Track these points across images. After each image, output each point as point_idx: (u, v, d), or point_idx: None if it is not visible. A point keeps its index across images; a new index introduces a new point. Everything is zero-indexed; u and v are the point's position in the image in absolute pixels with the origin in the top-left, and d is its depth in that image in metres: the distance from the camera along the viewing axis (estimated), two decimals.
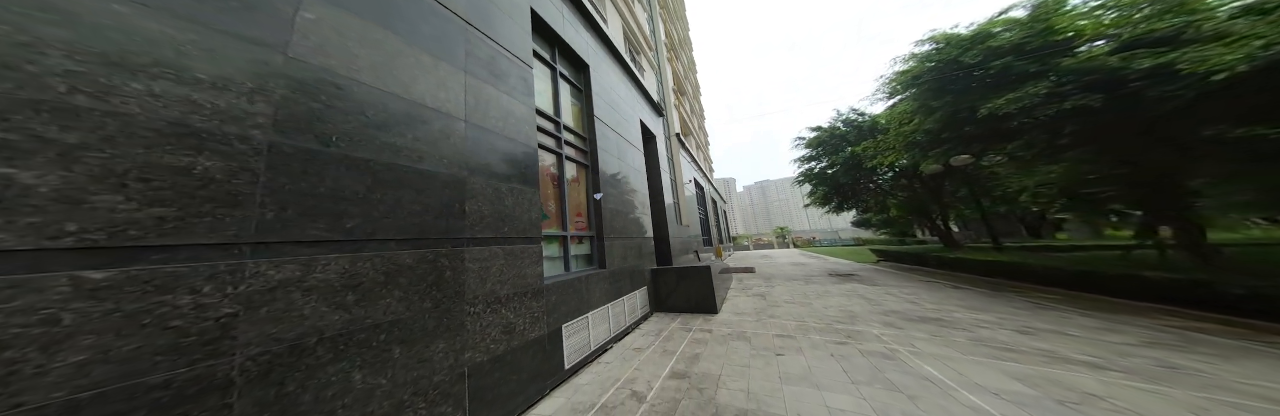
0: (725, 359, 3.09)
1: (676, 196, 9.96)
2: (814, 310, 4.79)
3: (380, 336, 1.39)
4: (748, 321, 4.37)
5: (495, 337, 2.10)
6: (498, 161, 2.36)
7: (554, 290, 2.91)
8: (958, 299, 5.31)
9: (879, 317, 4.26)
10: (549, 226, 3.36)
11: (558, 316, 2.91)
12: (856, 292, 6.12)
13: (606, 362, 3.25)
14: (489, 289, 2.07)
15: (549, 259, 3.31)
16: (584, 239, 4.04)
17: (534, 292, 2.58)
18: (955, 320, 4.03)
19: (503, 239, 2.27)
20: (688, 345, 3.56)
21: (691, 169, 13.09)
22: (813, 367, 2.74)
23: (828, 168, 11.92)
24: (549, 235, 3.30)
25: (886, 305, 5.00)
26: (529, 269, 2.55)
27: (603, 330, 3.65)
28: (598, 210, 4.25)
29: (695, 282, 5.11)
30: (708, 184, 17.81)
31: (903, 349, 3.06)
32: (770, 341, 3.49)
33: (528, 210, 2.64)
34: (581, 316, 3.30)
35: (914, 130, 6.88)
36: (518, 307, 2.35)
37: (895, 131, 7.71)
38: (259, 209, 1.00)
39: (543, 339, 2.63)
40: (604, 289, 3.86)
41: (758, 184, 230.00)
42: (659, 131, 9.35)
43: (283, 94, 1.11)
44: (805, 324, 4.06)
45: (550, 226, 3.39)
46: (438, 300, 1.66)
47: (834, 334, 3.60)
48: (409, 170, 1.60)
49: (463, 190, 1.91)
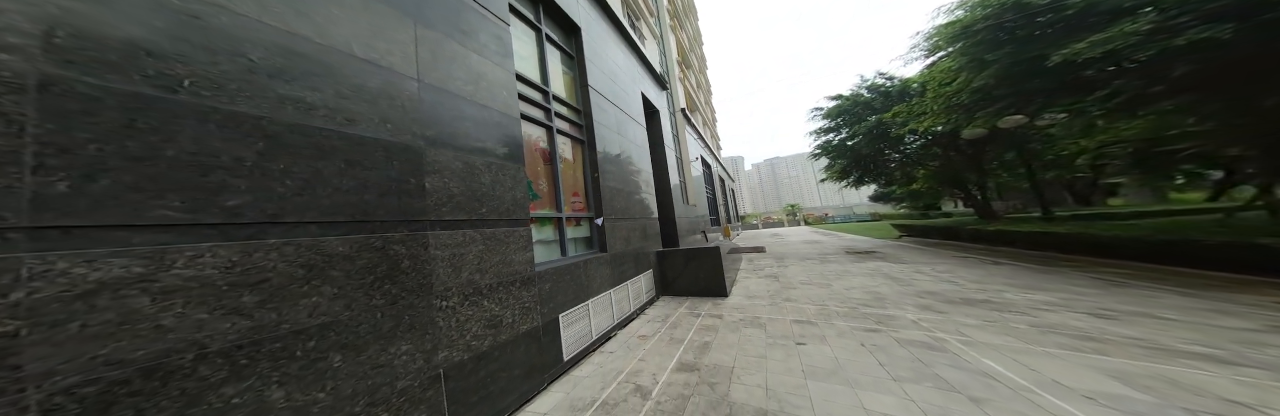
0: (738, 348, 2.82)
1: (682, 175, 9.50)
2: (835, 292, 4.46)
3: (307, 343, 1.09)
4: (761, 305, 4.08)
5: (478, 333, 1.83)
6: (468, 131, 1.98)
7: (548, 277, 2.62)
8: (1004, 276, 4.77)
9: (913, 300, 3.84)
10: (541, 207, 3.03)
11: (554, 305, 2.64)
12: (881, 272, 5.72)
13: (609, 352, 3.02)
14: (466, 279, 1.77)
15: (542, 243, 3.00)
16: (582, 220, 3.71)
17: (524, 281, 2.28)
18: (1008, 302, 3.55)
19: (480, 221, 1.94)
20: (696, 332, 3.31)
21: (698, 146, 12.49)
22: (842, 360, 2.42)
23: (848, 139, 11.13)
24: (540, 217, 2.97)
25: (919, 285, 4.55)
26: (516, 255, 2.24)
27: (605, 317, 3.40)
28: (597, 189, 3.88)
29: (704, 264, 4.81)
30: (715, 162, 17.18)
31: (950, 338, 2.66)
32: (788, 328, 3.20)
33: (511, 188, 2.29)
34: (581, 304, 3.04)
35: (959, 90, 6.13)
36: (504, 298, 2.06)
37: (934, 93, 6.94)
38: (34, 177, 0.66)
39: (537, 331, 2.37)
40: (605, 274, 3.58)
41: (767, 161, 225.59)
42: (663, 106, 8.75)
43: (62, 5, 0.72)
44: (827, 308, 3.75)
45: (542, 207, 3.05)
46: (393, 295, 1.36)
47: (862, 319, 3.26)
48: (333, 135, 1.24)
49: (419, 163, 1.56)
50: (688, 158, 10.60)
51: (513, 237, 2.22)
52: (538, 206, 2.97)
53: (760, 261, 8.18)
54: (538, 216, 2.92)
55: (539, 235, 2.94)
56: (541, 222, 3.02)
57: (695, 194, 10.69)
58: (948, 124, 7.24)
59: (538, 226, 2.96)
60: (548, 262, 2.86)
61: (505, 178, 2.24)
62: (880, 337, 2.77)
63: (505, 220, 2.16)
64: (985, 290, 4.11)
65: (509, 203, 2.23)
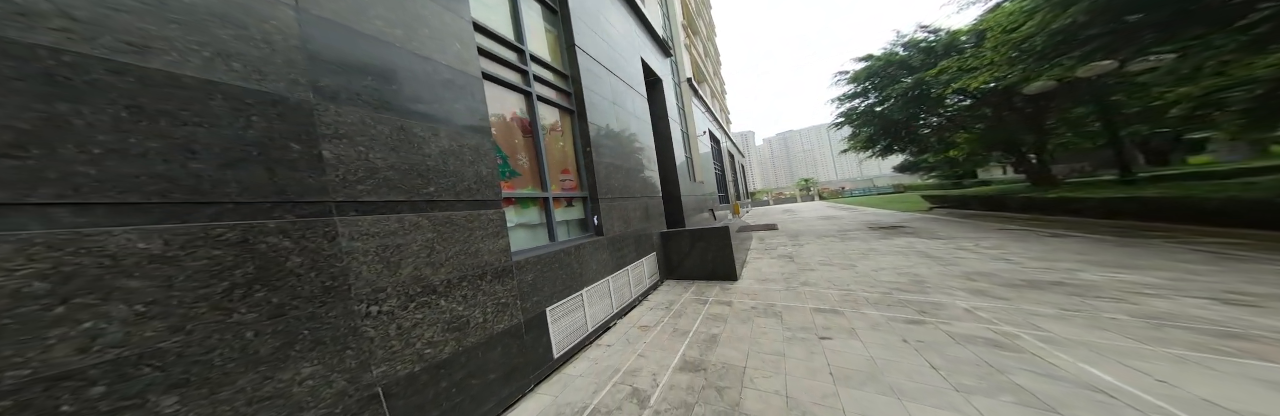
0: (751, 343, 2.47)
1: (689, 150, 8.89)
2: (861, 274, 4.04)
3: (91, 390, 0.73)
4: (775, 291, 3.71)
5: (433, 339, 1.49)
6: (399, 88, 1.52)
7: (532, 267, 2.25)
8: (1073, 251, 4.08)
9: (960, 283, 3.30)
10: (521, 186, 2.61)
11: (540, 299, 2.30)
12: (914, 249, 5.17)
13: (606, 345, 2.72)
14: (408, 276, 1.39)
15: (525, 227, 2.62)
16: (574, 200, 3.29)
17: (497, 273, 1.92)
18: (1090, 284, 2.94)
19: (428, 203, 1.53)
20: (703, 322, 2.97)
21: (706, 120, 11.68)
22: (881, 361, 2.01)
23: (877, 103, 10.11)
24: (521, 197, 2.56)
25: (965, 264, 3.96)
26: (485, 242, 1.86)
27: (603, 307, 3.09)
28: (590, 165, 3.43)
29: (712, 245, 4.41)
30: (725, 136, 16.31)
31: (1023, 333, 2.17)
32: (808, 318, 2.83)
33: (474, 163, 1.85)
34: (574, 294, 2.70)
35: (1032, 34, 5.17)
36: (471, 295, 1.71)
37: (995, 41, 5.96)
38: None
39: (518, 328, 2.05)
40: (602, 259, 3.22)
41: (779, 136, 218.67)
42: (666, 75, 7.97)
43: None
44: (853, 293, 3.34)
45: (523, 186, 2.63)
46: (276, 306, 0.99)
47: (899, 307, 2.82)
48: (97, 64, 0.79)
49: (308, 123, 1.12)
50: (694, 132, 9.89)
51: (479, 222, 1.82)
52: (516, 185, 2.55)
53: (772, 240, 7.76)
54: (516, 197, 2.50)
55: (519, 218, 2.55)
56: (523, 204, 2.61)
57: (702, 170, 10.10)
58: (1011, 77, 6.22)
59: (518, 208, 2.56)
60: (531, 250, 2.49)
61: (463, 149, 1.80)
62: (926, 331, 2.33)
63: (466, 201, 1.75)
64: (1053, 269, 3.48)
65: (471, 180, 1.81)
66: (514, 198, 2.48)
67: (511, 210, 2.44)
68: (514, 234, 2.44)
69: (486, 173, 1.93)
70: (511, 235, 2.38)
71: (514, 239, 2.41)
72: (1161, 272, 3.13)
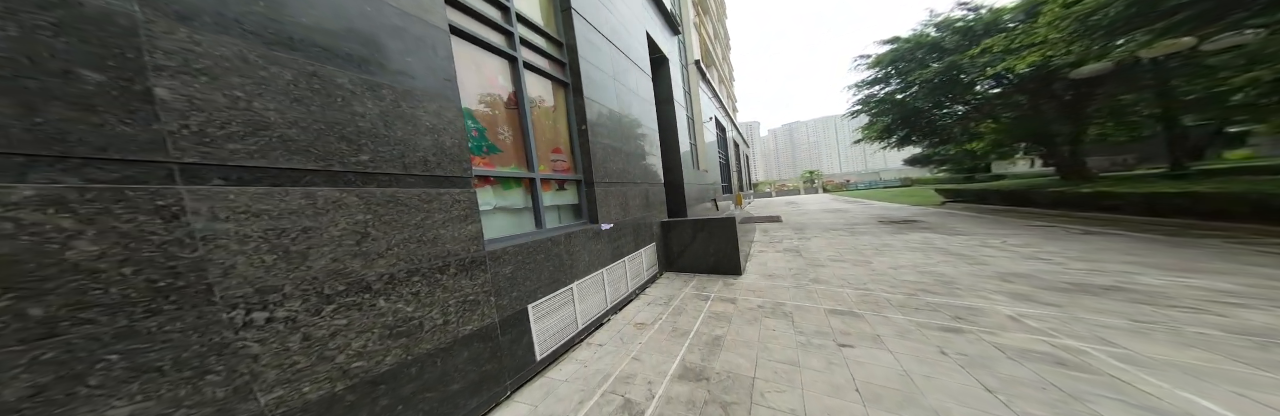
0: (760, 348, 2.16)
1: (694, 136, 8.43)
2: (878, 272, 3.70)
3: None
4: (784, 288, 3.38)
5: (365, 349, 1.16)
6: (317, 24, 1.13)
7: (511, 257, 1.92)
8: (1119, 251, 3.71)
9: (995, 285, 2.95)
10: (502, 163, 2.24)
11: (521, 294, 1.98)
12: (933, 245, 4.80)
13: (598, 345, 2.42)
14: (324, 270, 1.05)
15: (506, 211, 2.27)
16: (567, 184, 2.93)
17: (465, 265, 1.58)
18: (1154, 290, 2.58)
19: (361, 175, 1.17)
20: (705, 322, 2.66)
21: (712, 106, 11.12)
22: (917, 377, 1.68)
23: (899, 90, 9.46)
24: (501, 176, 2.20)
25: (996, 264, 3.61)
26: (449, 228, 1.51)
27: (596, 301, 2.78)
28: (585, 145, 3.04)
29: (716, 238, 4.07)
30: (731, 125, 15.72)
31: (1090, 348, 1.81)
32: (823, 321, 2.51)
33: (434, 132, 1.48)
34: (562, 289, 2.38)
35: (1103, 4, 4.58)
36: (425, 292, 1.37)
37: (1053, 16, 5.34)
38: None
39: (490, 329, 1.73)
40: (597, 249, 2.89)
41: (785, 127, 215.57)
42: (674, 54, 7.43)
43: None
44: (872, 294, 3.01)
45: (505, 163, 2.26)
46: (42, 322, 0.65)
47: (929, 312, 2.48)
48: None
49: (128, 45, 0.75)
50: (700, 117, 9.39)
51: (440, 204, 1.47)
52: (497, 163, 2.18)
53: (777, 232, 7.42)
54: (496, 176, 2.14)
55: (499, 200, 2.19)
56: (504, 185, 2.25)
57: (707, 158, 9.65)
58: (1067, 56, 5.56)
59: (498, 189, 2.19)
60: (513, 238, 2.14)
61: (419, 114, 1.42)
62: (968, 342, 1.99)
63: (420, 176, 1.39)
64: (1101, 271, 3.11)
65: (428, 151, 1.44)
66: (493, 176, 2.11)
67: (489, 191, 2.08)
68: (490, 219, 2.09)
69: (452, 144, 1.56)
70: (487, 220, 2.04)
71: (490, 224, 2.07)
72: (1235, 278, 2.75)
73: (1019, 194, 7.59)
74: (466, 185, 1.60)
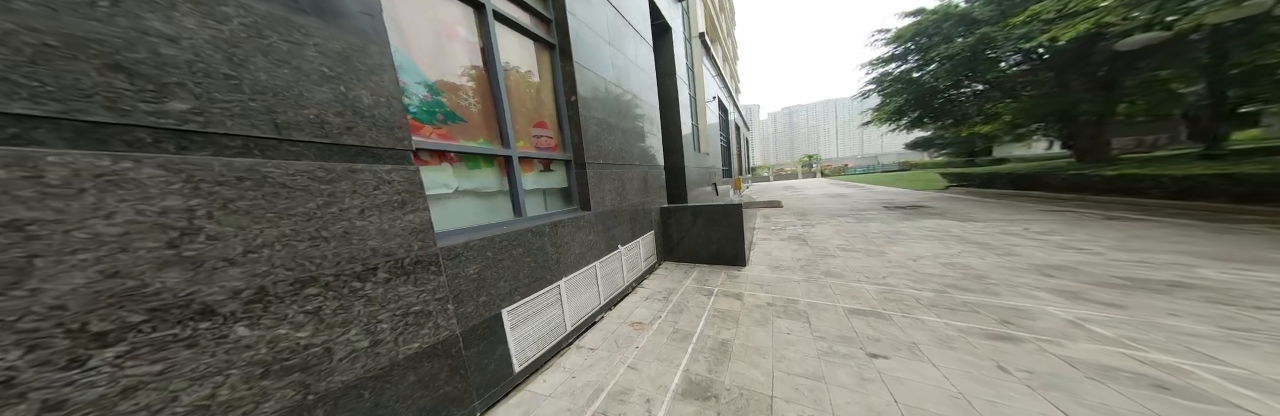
0: (775, 358, 1.83)
1: (697, 116, 7.85)
2: (896, 264, 3.35)
3: None
4: (793, 282, 3.04)
5: (209, 401, 0.78)
6: None
7: (478, 253, 1.52)
8: (1159, 239, 3.35)
9: (1035, 280, 2.60)
10: (468, 136, 1.78)
11: (491, 297, 1.60)
12: (949, 233, 4.44)
13: (589, 349, 2.09)
14: (92, 290, 0.65)
15: (475, 195, 1.84)
16: (553, 164, 2.49)
17: (405, 267, 1.18)
18: (1225, 286, 2.23)
19: (182, 134, 0.74)
20: (710, 321, 2.33)
21: (715, 85, 10.41)
22: (978, 400, 1.35)
23: (918, 67, 8.76)
24: (465, 152, 1.75)
25: (1026, 254, 3.24)
26: (373, 218, 1.09)
27: (587, 298, 2.42)
28: (575, 119, 2.57)
29: (720, 225, 3.69)
30: (733, 106, 14.97)
31: (1187, 364, 1.48)
32: (845, 323, 2.17)
33: (339, 82, 1.02)
34: (547, 287, 2.01)
35: None
36: (336, 308, 0.98)
37: None
38: None
39: (449, 344, 1.36)
40: (588, 240, 2.50)
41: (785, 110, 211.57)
42: (676, 23, 6.70)
43: None
44: (894, 290, 2.67)
45: (471, 136, 1.80)
46: None
47: (967, 313, 2.14)
48: None
49: None
50: (704, 96, 8.75)
51: (351, 185, 1.04)
52: (459, 135, 1.72)
53: (779, 219, 7.06)
54: (457, 151, 1.69)
55: (464, 182, 1.76)
56: (470, 163, 1.81)
57: (709, 140, 9.10)
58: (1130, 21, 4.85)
59: (461, 168, 1.76)
60: (480, 229, 1.73)
61: (308, 53, 0.95)
62: (1029, 354, 1.65)
63: (313, 146, 0.95)
64: (1149, 263, 2.76)
65: (327, 108, 0.99)
66: (454, 152, 1.67)
67: (448, 170, 1.65)
68: (451, 205, 1.67)
69: (372, 102, 1.11)
70: (446, 207, 1.62)
71: (451, 212, 1.66)
72: None
73: (1033, 177, 7.20)
74: (402, 160, 1.17)
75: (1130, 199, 5.30)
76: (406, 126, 1.18)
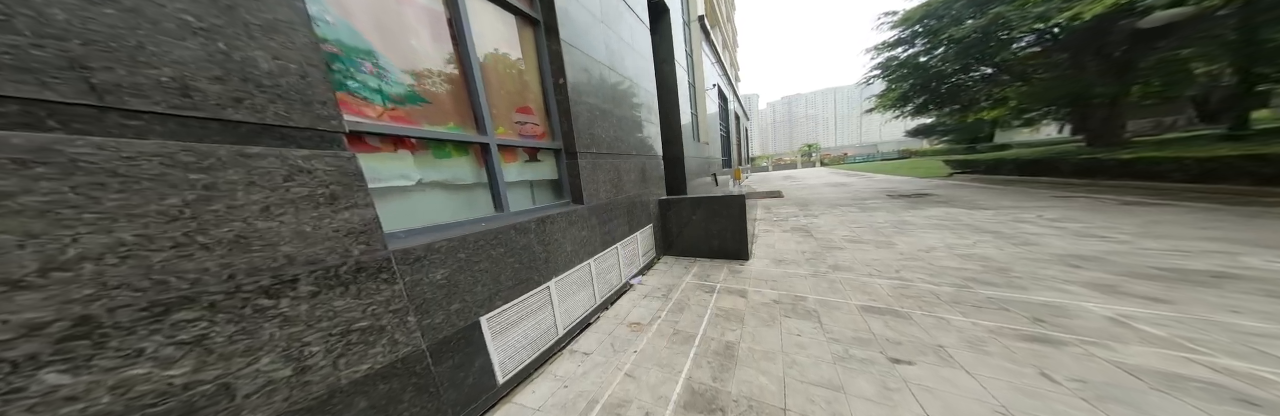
0: (785, 363, 1.62)
1: (695, 104, 7.50)
2: (908, 256, 3.13)
3: None
4: (800, 277, 2.83)
5: None
6: None
7: (444, 256, 1.29)
8: (1185, 224, 3.12)
9: (1062, 271, 2.37)
10: (433, 120, 1.52)
11: (467, 304, 1.39)
12: (959, 221, 4.19)
13: (583, 354, 1.89)
14: None
15: (445, 187, 1.60)
16: (540, 154, 2.23)
17: (343, 276, 0.95)
18: (1274, 275, 2.01)
19: None
20: (713, 323, 2.12)
21: (715, 72, 9.97)
22: None
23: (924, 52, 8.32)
24: (430, 138, 1.50)
25: (1046, 244, 2.99)
26: (290, 216, 0.85)
27: (581, 299, 2.22)
28: (564, 104, 2.30)
29: (722, 218, 3.46)
30: (733, 95, 14.49)
31: (1265, 371, 1.27)
32: (860, 323, 1.96)
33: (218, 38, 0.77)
34: (535, 289, 1.79)
35: None
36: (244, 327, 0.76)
37: None
38: None
39: (412, 361, 1.15)
40: (581, 236, 2.27)
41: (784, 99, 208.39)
42: (675, 3, 6.28)
43: None
44: (910, 285, 2.45)
45: (438, 120, 1.54)
46: None
47: (996, 311, 1.92)
48: None
49: None
50: (703, 83, 8.36)
51: (250, 174, 0.79)
52: (421, 119, 1.47)
53: (780, 209, 6.82)
54: (419, 137, 1.44)
55: (433, 173, 1.52)
56: (438, 151, 1.56)
57: (708, 129, 8.76)
58: None
59: (427, 157, 1.51)
60: (448, 227, 1.50)
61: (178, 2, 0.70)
62: (1075, 359, 1.42)
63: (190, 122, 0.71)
64: (1185, 251, 2.53)
65: (205, 70, 0.74)
66: (413, 137, 1.42)
67: (408, 159, 1.40)
68: (419, 200, 1.44)
69: (281, 71, 0.85)
70: (409, 202, 1.38)
71: (421, 208, 1.42)
72: None
73: (1041, 163, 6.89)
74: (328, 144, 0.92)
75: (1146, 183, 5.02)
76: (333, 102, 0.93)
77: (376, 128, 1.22)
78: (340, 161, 0.93)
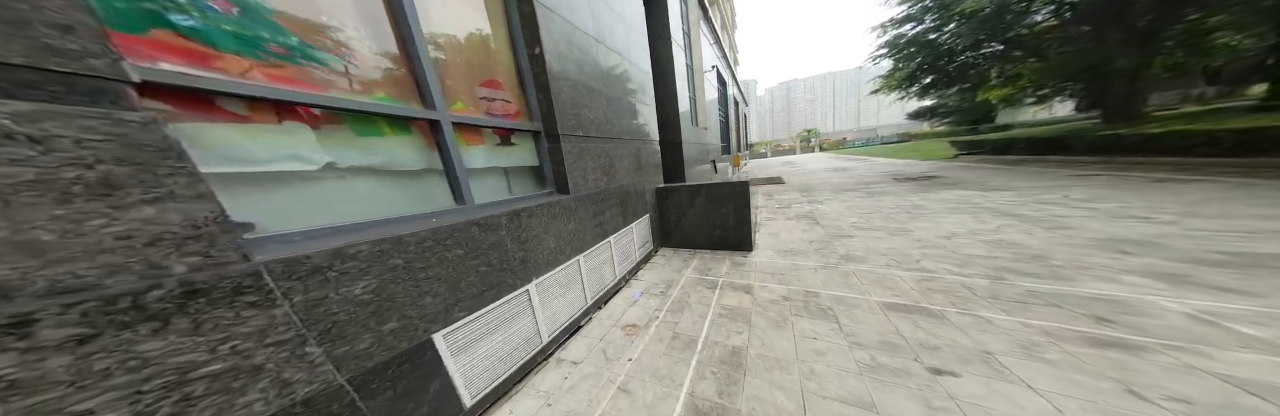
0: (803, 373, 1.32)
1: (694, 86, 6.98)
2: (926, 243, 2.79)
3: None
4: (810, 269, 2.51)
5: None
6: None
7: (365, 264, 0.96)
8: (1232, 201, 2.80)
9: (1110, 258, 2.04)
10: (347, 87, 1.15)
11: (413, 320, 1.07)
12: (977, 205, 3.81)
13: (571, 363, 1.61)
14: None
15: (379, 175, 1.25)
16: (517, 136, 1.86)
17: (157, 304, 0.62)
18: None
19: None
20: (717, 324, 1.82)
21: (713, 53, 9.32)
22: None
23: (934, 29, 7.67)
24: (341, 109, 1.13)
25: (1083, 227, 2.64)
26: (5, 220, 0.51)
27: (569, 301, 1.91)
28: (542, 79, 1.91)
29: (723, 206, 3.12)
30: (732, 79, 13.76)
31: None
32: (884, 323, 1.65)
33: None
34: (510, 295, 1.49)
35: None
36: None
37: None
38: None
39: (328, 400, 0.84)
40: (568, 230, 1.94)
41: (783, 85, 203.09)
42: None
43: None
44: (936, 277, 2.12)
45: (357, 88, 1.17)
46: None
47: (1046, 307, 1.59)
48: None
49: None
50: (701, 65, 7.78)
51: None
52: (320, 81, 1.09)
53: (782, 196, 6.46)
54: (320, 106, 1.08)
55: (355, 155, 1.16)
56: (360, 126, 1.19)
57: (707, 114, 8.25)
58: None
59: (340, 133, 1.15)
60: (383, 225, 1.17)
61: None
62: (1168, 372, 1.10)
63: None
64: (1244, 232, 2.19)
65: None
66: (317, 107, 1.05)
67: (307, 134, 1.04)
68: (336, 189, 1.09)
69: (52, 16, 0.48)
70: (323, 191, 1.04)
71: (338, 198, 1.08)
72: None
73: (1053, 141, 6.44)
74: (97, 100, 0.57)
75: (1172, 159, 4.61)
76: (99, 34, 0.57)
77: (239, 87, 0.85)
78: (122, 128, 0.58)
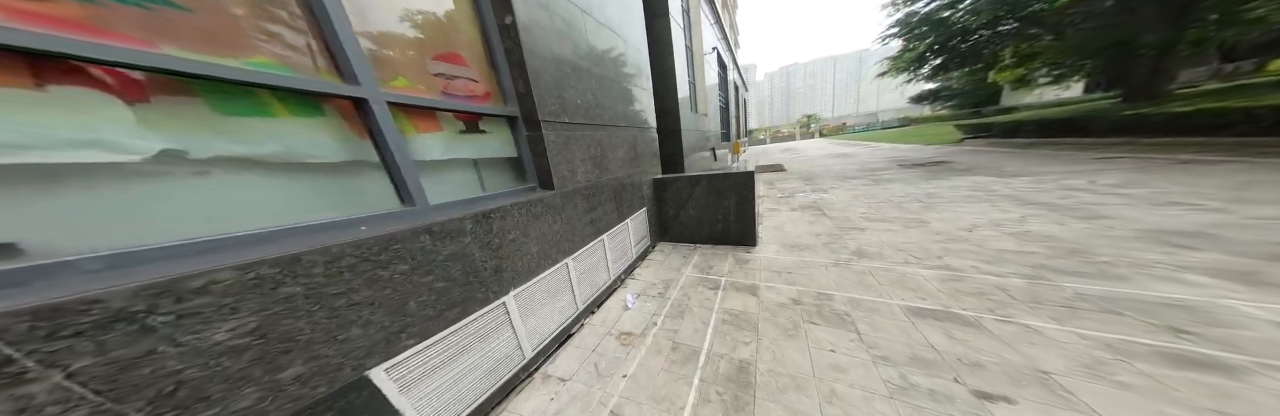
0: (822, 396, 1.08)
1: (694, 70, 6.50)
2: (947, 237, 2.52)
3: None
4: (820, 267, 2.25)
5: None
6: None
7: (232, 298, 0.69)
8: None
9: (1164, 253, 1.77)
10: (195, 43, 0.83)
11: (334, 356, 0.82)
12: (996, 192, 3.49)
13: (558, 380, 1.40)
14: None
15: (271, 167, 0.96)
16: (488, 121, 1.55)
17: None
18: None
19: None
20: (721, 332, 1.58)
21: (713, 34, 8.67)
22: None
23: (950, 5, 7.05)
24: (193, 74, 0.82)
25: (1122, 216, 2.35)
26: None
27: (559, 308, 1.67)
28: (517, 55, 1.58)
29: (725, 199, 2.83)
30: (733, 62, 13.03)
31: None
32: (913, 334, 1.40)
33: None
34: (480, 311, 1.24)
35: None
36: None
37: None
38: None
39: None
40: (553, 231, 1.67)
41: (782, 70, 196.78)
42: None
43: None
44: (965, 277, 1.85)
45: (214, 45, 0.85)
46: None
47: (1098, 314, 1.33)
48: None
49: None
50: (701, 47, 7.22)
51: None
52: (148, 32, 0.78)
53: (784, 184, 6.13)
54: (145, 67, 0.77)
55: (219, 142, 0.86)
56: (224, 102, 0.89)
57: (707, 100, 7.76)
58: None
59: (198, 110, 0.84)
60: (266, 240, 0.89)
61: None
62: (1273, 397, 0.89)
63: None
64: None
65: None
66: (138, 68, 0.75)
67: (123, 112, 0.74)
68: (221, 187, 0.81)
69: None
70: (163, 193, 0.75)
71: (189, 203, 0.80)
72: None
73: (1069, 122, 6.02)
74: None
75: (1201, 139, 4.24)
76: None
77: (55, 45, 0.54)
78: None
